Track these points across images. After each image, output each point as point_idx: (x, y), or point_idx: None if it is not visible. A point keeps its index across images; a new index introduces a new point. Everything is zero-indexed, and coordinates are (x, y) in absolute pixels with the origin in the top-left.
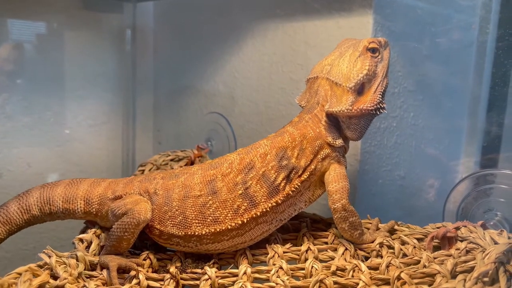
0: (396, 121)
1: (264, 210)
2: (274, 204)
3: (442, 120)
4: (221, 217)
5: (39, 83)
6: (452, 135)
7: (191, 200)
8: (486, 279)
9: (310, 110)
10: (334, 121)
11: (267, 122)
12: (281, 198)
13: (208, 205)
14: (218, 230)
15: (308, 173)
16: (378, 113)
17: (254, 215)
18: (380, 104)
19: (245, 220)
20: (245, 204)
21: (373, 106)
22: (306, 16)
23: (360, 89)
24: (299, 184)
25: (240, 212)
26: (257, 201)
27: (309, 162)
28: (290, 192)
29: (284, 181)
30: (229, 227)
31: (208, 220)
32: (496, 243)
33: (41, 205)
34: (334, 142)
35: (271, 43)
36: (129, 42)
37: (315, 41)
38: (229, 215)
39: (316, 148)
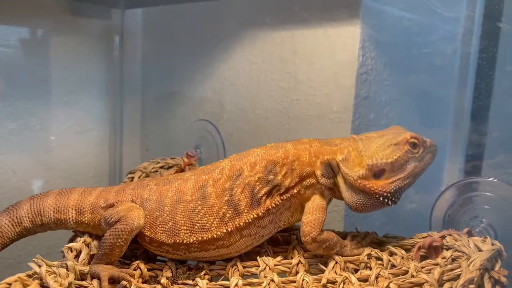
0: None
1: (247, 221)
2: (256, 216)
3: (428, 128)
4: (207, 224)
5: (24, 89)
6: (437, 143)
7: (182, 205)
8: (472, 286)
9: (327, 143)
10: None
11: (256, 130)
12: (262, 211)
13: (197, 210)
14: (204, 238)
15: (289, 194)
16: (382, 200)
17: (238, 225)
18: (389, 196)
19: (229, 229)
20: (230, 212)
21: (378, 191)
22: (295, 25)
23: (378, 173)
24: (279, 201)
25: (225, 220)
26: (240, 210)
27: (293, 184)
28: (270, 207)
29: (266, 195)
30: (215, 235)
31: (196, 227)
32: (480, 250)
33: (32, 216)
34: (321, 178)
35: (259, 51)
36: (117, 48)
37: (304, 50)
38: (215, 222)
39: (304, 174)
